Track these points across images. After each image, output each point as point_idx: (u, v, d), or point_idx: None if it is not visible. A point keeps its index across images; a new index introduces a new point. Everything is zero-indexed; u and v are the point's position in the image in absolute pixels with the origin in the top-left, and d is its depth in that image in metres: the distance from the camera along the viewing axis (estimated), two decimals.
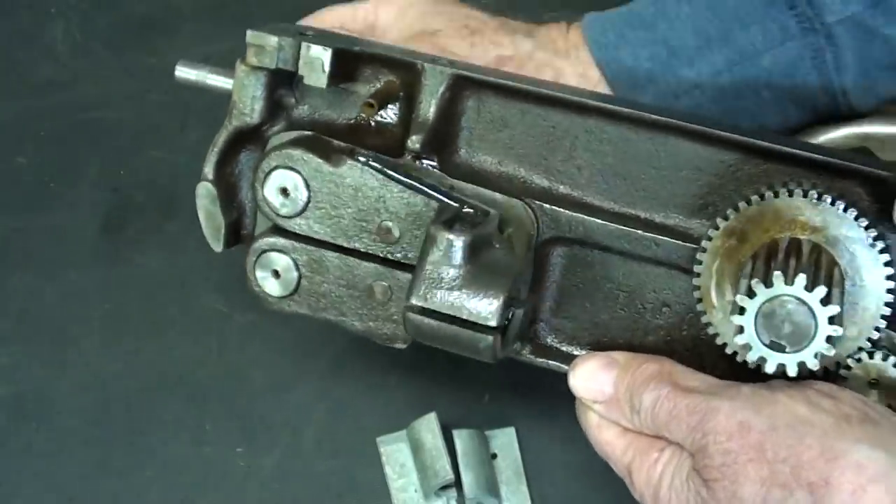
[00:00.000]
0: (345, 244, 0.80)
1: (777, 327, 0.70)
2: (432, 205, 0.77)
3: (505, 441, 0.99)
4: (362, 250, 0.80)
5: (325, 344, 1.05)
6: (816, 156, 0.75)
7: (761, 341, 0.70)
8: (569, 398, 1.01)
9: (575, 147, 0.79)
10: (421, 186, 0.78)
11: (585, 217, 0.78)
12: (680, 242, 0.77)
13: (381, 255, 0.79)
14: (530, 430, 1.00)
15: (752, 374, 0.73)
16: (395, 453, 0.99)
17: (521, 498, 0.98)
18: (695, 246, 0.76)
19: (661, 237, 0.77)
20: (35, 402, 1.03)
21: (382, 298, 0.80)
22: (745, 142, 0.76)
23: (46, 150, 1.16)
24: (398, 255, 0.79)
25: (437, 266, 0.73)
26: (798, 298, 0.69)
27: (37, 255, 1.10)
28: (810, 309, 0.69)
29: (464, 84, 0.80)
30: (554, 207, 0.78)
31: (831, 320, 0.69)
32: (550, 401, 1.01)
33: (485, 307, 0.73)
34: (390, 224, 0.78)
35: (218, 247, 0.84)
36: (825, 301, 0.69)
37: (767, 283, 0.69)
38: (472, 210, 0.78)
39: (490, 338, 0.74)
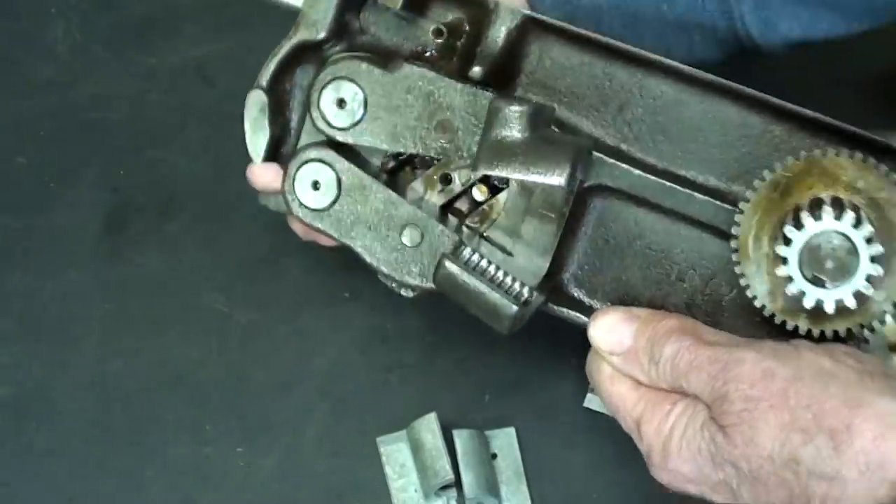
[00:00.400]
0: (400, 150, 0.81)
1: (820, 262, 0.73)
2: (487, 95, 0.79)
3: (505, 441, 0.99)
4: (421, 153, 0.81)
5: (325, 343, 1.05)
6: (863, 132, 0.77)
7: (803, 275, 0.73)
8: (569, 399, 1.01)
9: (628, 102, 0.82)
10: (472, 82, 0.80)
11: (630, 168, 0.80)
12: (718, 203, 0.79)
13: (439, 155, 0.81)
14: (530, 430, 1.00)
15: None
16: (395, 453, 0.99)
17: (521, 498, 0.98)
18: (732, 208, 0.78)
19: (700, 195, 0.79)
20: (35, 402, 1.03)
21: (410, 243, 0.81)
22: (797, 111, 0.78)
23: (46, 150, 1.16)
24: (457, 151, 0.80)
25: (499, 135, 0.75)
26: (844, 235, 0.72)
27: (37, 255, 1.10)
28: (854, 246, 0.72)
29: (532, 27, 0.82)
30: (599, 155, 0.80)
31: (873, 259, 0.72)
32: (550, 401, 1.02)
33: (553, 168, 0.74)
34: (448, 117, 0.79)
35: (258, 158, 0.84)
36: (870, 240, 0.72)
37: (816, 217, 0.72)
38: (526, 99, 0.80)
39: (515, 307, 0.76)
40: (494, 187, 0.83)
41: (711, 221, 0.79)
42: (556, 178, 0.74)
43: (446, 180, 0.83)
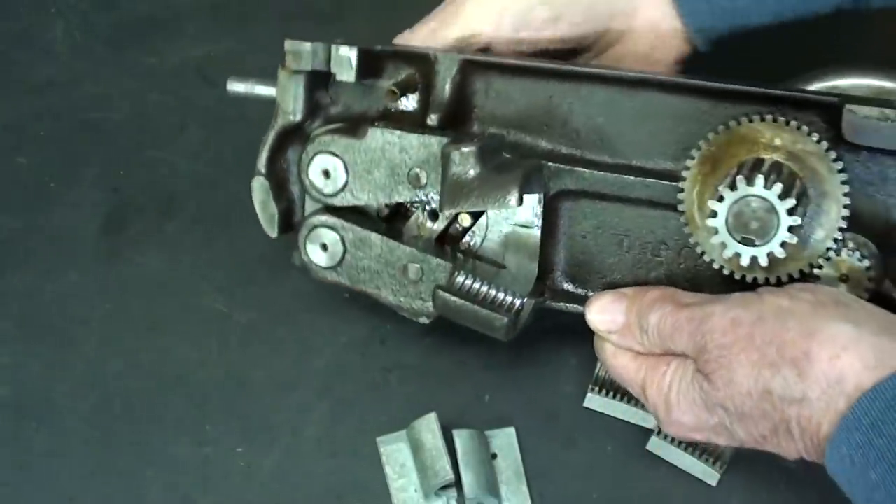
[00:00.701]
0: (386, 201, 0.91)
1: (745, 224, 0.81)
2: (443, 141, 0.88)
3: (505, 441, 0.99)
4: (402, 201, 0.91)
5: (325, 344, 1.05)
6: (774, 91, 0.85)
7: (734, 239, 0.81)
8: (569, 399, 1.01)
9: (571, 113, 0.90)
10: (431, 130, 0.90)
11: (585, 170, 0.89)
12: (668, 183, 0.87)
13: (418, 200, 0.90)
14: (530, 430, 1.00)
15: None
16: (395, 453, 0.99)
17: (521, 498, 0.98)
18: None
19: (652, 180, 0.87)
20: (35, 402, 1.03)
21: (415, 278, 0.91)
22: (711, 87, 0.86)
23: (46, 150, 1.16)
24: (431, 196, 0.89)
25: (456, 176, 0.84)
26: (759, 196, 0.80)
27: (37, 255, 1.10)
28: (771, 204, 0.80)
29: (472, 68, 0.91)
30: (558, 165, 0.89)
31: (790, 212, 0.80)
32: (550, 401, 1.02)
33: (504, 194, 0.82)
34: (417, 170, 0.89)
35: (273, 233, 0.95)
36: (783, 196, 0.79)
37: (733, 188, 0.80)
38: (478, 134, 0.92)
39: (505, 319, 0.86)
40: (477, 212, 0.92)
41: (667, 200, 0.87)
42: (509, 202, 0.82)
43: (434, 216, 0.93)
